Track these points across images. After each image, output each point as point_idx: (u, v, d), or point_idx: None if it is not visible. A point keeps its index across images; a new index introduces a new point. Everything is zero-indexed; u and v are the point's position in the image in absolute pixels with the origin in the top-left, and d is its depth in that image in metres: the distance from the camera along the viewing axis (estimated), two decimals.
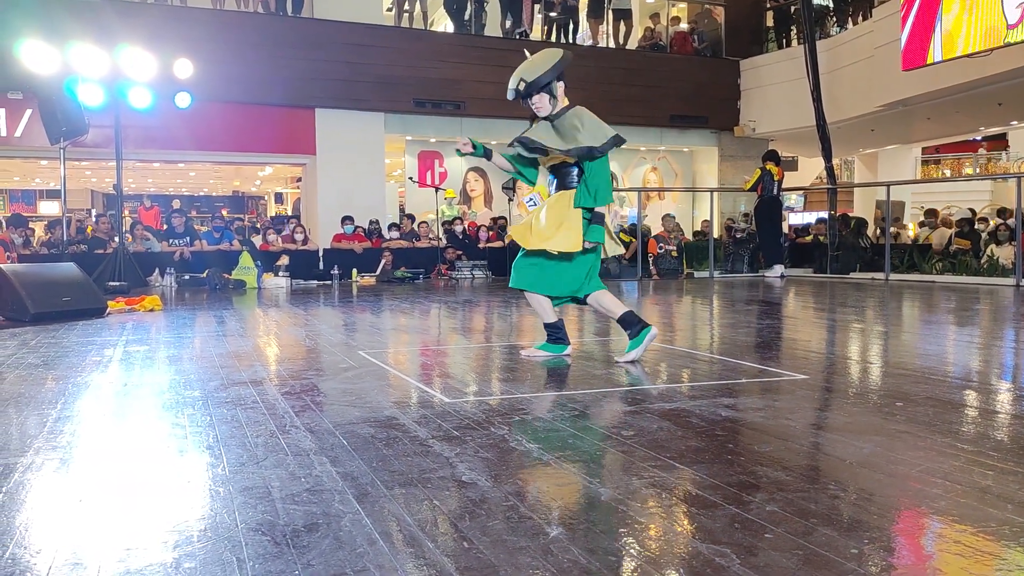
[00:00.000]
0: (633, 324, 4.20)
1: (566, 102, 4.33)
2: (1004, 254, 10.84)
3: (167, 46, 10.83)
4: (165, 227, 12.99)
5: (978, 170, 21.89)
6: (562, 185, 4.24)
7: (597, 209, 4.12)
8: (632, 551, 1.66)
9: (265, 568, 1.57)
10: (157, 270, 10.80)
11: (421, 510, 1.90)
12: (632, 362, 4.13)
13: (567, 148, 4.10)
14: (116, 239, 10.76)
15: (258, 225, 13.87)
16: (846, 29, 14.97)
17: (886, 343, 5.17)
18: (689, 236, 14.96)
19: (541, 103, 4.28)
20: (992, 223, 12.42)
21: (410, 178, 14.64)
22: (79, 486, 2.14)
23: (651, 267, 12.56)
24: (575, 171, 4.20)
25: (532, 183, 4.56)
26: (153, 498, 2.04)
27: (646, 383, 3.69)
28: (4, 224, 13.09)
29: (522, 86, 4.28)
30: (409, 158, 15.18)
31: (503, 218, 14.04)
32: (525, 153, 4.32)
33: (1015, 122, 16.52)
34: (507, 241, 12.96)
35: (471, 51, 14.32)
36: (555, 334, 4.43)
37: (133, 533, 1.78)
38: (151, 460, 2.40)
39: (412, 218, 13.86)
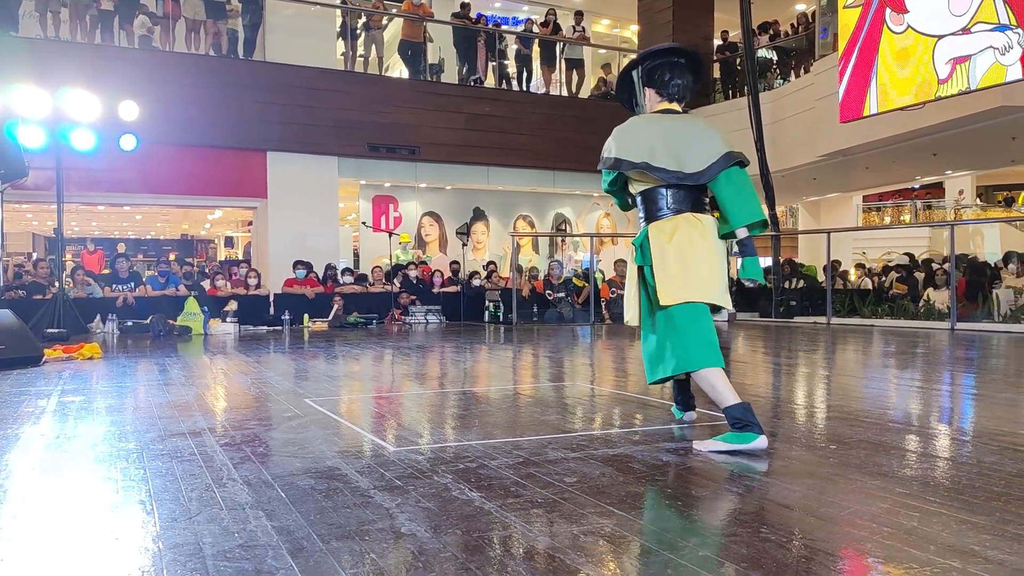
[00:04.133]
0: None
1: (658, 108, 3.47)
2: (940, 298, 11.17)
3: (112, 88, 10.73)
4: (108, 271, 12.74)
5: (916, 217, 22.62)
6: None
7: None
8: None
9: None
10: (99, 316, 10.57)
11: (357, 564, 1.88)
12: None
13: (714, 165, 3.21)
14: (56, 284, 10.53)
15: (207, 270, 13.70)
16: (788, 81, 15.46)
17: (825, 386, 5.27)
18: None
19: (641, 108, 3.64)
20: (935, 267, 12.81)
21: (363, 223, 14.63)
22: (1, 544, 2.08)
23: (604, 311, 12.67)
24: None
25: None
26: (79, 556, 1.98)
27: (593, 429, 3.71)
28: None
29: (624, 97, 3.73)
30: (363, 202, 15.19)
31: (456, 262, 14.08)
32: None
33: (950, 171, 17.18)
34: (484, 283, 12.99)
35: (426, 96, 14.47)
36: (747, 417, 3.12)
37: None
38: (79, 516, 2.34)
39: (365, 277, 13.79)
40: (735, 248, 3.24)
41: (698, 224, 3.24)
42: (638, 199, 3.41)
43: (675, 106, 3.42)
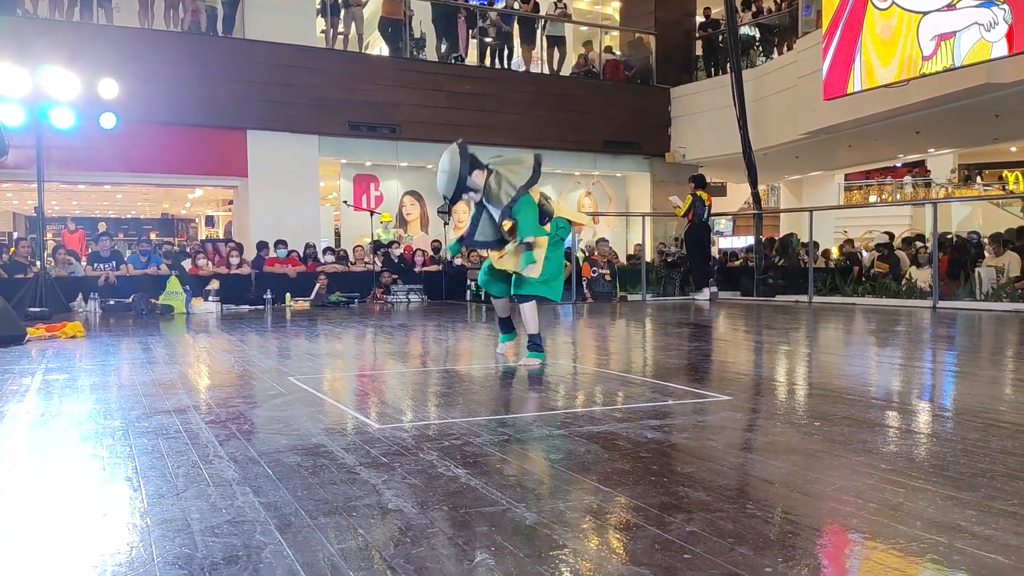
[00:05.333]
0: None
1: (483, 176, 4.79)
2: (922, 277, 11.26)
3: (91, 66, 10.58)
4: (90, 251, 12.62)
5: (899, 196, 22.76)
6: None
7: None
8: (554, 575, 1.67)
9: None
10: (81, 295, 10.48)
11: (344, 539, 1.88)
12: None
13: (501, 222, 4.82)
14: (37, 263, 10.42)
15: (188, 249, 13.57)
16: (771, 59, 15.46)
17: (808, 364, 5.32)
18: (623, 260, 15.17)
19: (469, 197, 4.86)
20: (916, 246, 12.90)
21: (344, 202, 14.55)
22: None
23: (585, 291, 12.68)
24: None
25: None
26: (67, 533, 1.97)
27: (577, 406, 3.73)
28: None
29: (446, 202, 4.86)
30: (344, 181, 15.09)
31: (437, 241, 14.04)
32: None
33: (932, 150, 17.28)
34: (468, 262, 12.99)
35: (407, 75, 14.35)
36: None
37: (45, 570, 1.72)
38: (66, 493, 2.33)
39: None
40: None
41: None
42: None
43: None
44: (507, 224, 4.84)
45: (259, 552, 1.79)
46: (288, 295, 11.63)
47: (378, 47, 15.84)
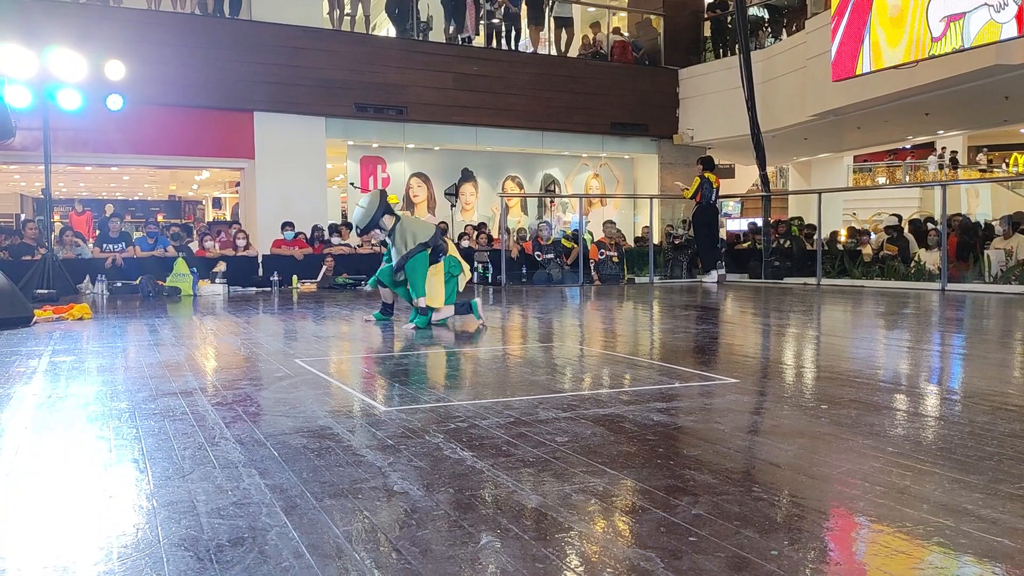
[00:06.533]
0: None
1: (391, 221, 6.21)
2: (931, 259, 11.21)
3: (98, 47, 10.56)
4: (98, 232, 12.64)
5: (907, 178, 22.62)
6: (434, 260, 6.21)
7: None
8: (560, 557, 1.67)
9: None
10: (88, 277, 10.50)
11: (350, 521, 1.88)
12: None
13: (396, 271, 6.24)
14: (45, 245, 10.44)
15: (195, 230, 13.59)
16: (780, 40, 15.33)
17: (815, 347, 5.30)
18: (630, 242, 15.13)
19: (377, 232, 6.44)
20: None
21: (351, 183, 14.52)
22: None
23: (593, 273, 12.66)
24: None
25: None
26: (73, 514, 1.98)
27: (583, 389, 3.72)
28: None
29: (358, 232, 6.50)
30: (351, 163, 15.06)
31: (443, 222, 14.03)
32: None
33: (941, 131, 17.14)
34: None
35: (414, 56, 14.27)
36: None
37: (52, 550, 1.73)
38: (73, 474, 2.33)
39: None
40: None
41: None
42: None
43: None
44: (399, 276, 6.20)
45: (265, 534, 1.80)
46: (295, 277, 11.65)
47: (385, 28, 15.74)
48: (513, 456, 2.47)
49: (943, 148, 22.11)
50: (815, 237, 12.87)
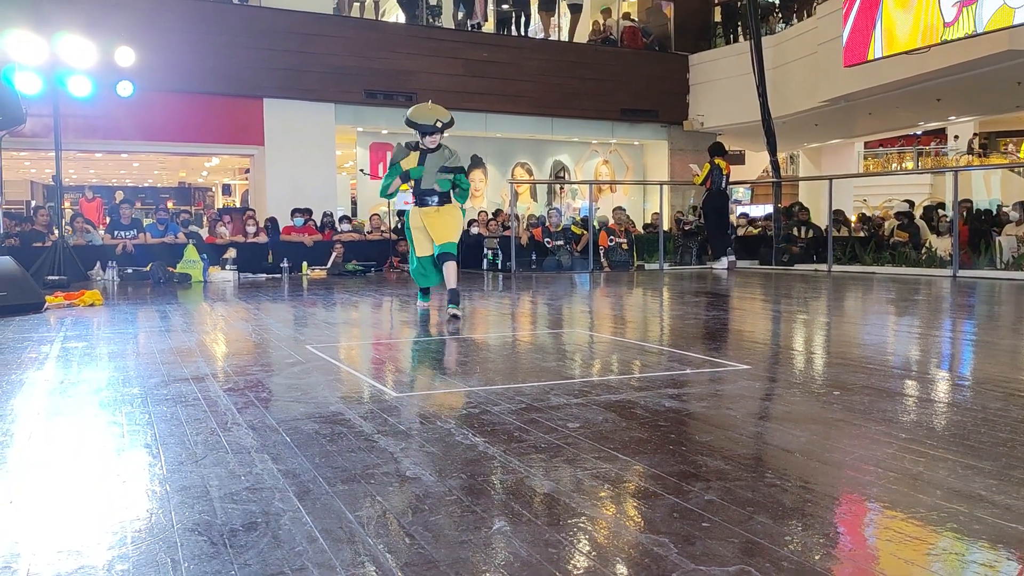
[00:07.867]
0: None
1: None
2: (942, 246, 11.14)
3: (108, 34, 10.56)
4: (108, 219, 12.67)
5: (919, 164, 22.46)
6: (445, 200, 6.20)
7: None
8: (572, 543, 1.67)
9: (200, 569, 1.55)
10: (99, 263, 10.54)
11: (363, 506, 1.89)
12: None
13: (456, 166, 6.22)
14: (56, 231, 10.48)
15: (205, 217, 13.62)
16: (791, 25, 15.21)
17: (827, 333, 5.28)
18: (640, 229, 15.09)
19: (438, 139, 6.15)
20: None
21: (361, 170, 14.51)
22: (10, 487, 2.09)
23: (602, 259, 12.64)
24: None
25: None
26: (87, 499, 1.99)
27: (594, 375, 3.72)
28: None
29: (440, 124, 6.05)
30: (361, 149, 15.05)
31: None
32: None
33: (953, 117, 17.00)
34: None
35: (423, 42, 14.23)
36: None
37: (65, 535, 1.74)
38: (86, 460, 2.35)
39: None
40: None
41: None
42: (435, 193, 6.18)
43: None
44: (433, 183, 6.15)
45: (278, 519, 1.80)
46: (305, 264, 11.67)
47: (394, 14, 15.68)
48: (525, 442, 2.47)
49: (956, 136, 21.92)
50: (826, 226, 12.80)
